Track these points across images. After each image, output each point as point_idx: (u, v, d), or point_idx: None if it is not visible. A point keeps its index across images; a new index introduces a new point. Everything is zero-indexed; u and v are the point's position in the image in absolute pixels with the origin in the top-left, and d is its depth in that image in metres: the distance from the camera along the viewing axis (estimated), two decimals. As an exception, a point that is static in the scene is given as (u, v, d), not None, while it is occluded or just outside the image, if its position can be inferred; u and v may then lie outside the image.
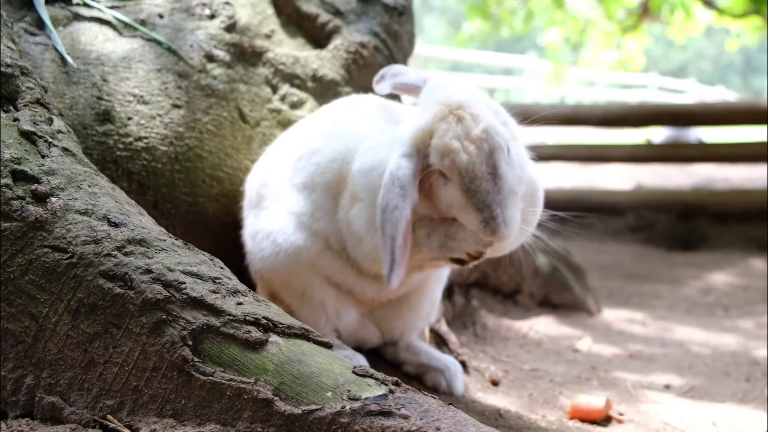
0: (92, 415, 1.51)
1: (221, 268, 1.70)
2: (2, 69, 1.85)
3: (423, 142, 1.84)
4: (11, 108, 1.83)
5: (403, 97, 2.98)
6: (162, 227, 1.78)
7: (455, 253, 1.93)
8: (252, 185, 2.32)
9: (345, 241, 2.05)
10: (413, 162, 1.83)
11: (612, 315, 3.71)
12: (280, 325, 1.56)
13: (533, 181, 2.05)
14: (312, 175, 2.10)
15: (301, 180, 2.13)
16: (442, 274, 2.37)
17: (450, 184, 1.83)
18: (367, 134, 2.04)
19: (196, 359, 1.49)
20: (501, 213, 1.80)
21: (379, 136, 2.01)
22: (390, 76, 2.07)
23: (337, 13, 2.88)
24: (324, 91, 2.73)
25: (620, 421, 2.23)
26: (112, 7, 2.63)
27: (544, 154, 7.40)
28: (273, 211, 2.17)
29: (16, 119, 1.80)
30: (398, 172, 1.81)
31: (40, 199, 1.65)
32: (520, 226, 1.91)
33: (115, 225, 1.65)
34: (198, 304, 1.54)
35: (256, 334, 1.52)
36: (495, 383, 2.49)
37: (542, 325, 3.28)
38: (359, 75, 2.79)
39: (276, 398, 1.43)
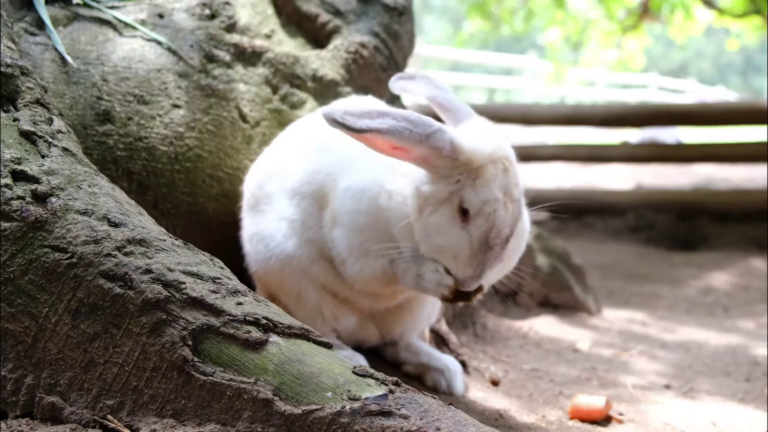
0: (92, 415, 1.51)
1: (221, 268, 1.70)
2: (2, 69, 1.85)
3: (468, 162, 1.77)
4: (11, 108, 1.83)
5: (404, 100, 2.97)
6: (162, 227, 1.78)
7: (429, 293, 1.91)
8: (249, 187, 2.32)
9: (331, 256, 2.05)
10: (446, 149, 1.75)
11: (612, 315, 3.71)
12: (280, 325, 1.56)
13: (522, 225, 2.02)
14: (300, 182, 2.09)
15: (291, 186, 2.12)
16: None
17: (468, 227, 1.78)
18: (357, 152, 1.98)
19: (196, 359, 1.49)
20: (487, 275, 1.82)
21: (374, 156, 1.93)
22: (428, 84, 2.00)
23: (337, 13, 2.88)
24: (324, 91, 2.73)
25: (620, 421, 2.23)
26: (112, 7, 2.63)
27: (544, 154, 7.42)
28: (267, 215, 2.16)
29: (16, 119, 1.80)
30: (438, 133, 1.74)
31: (40, 199, 1.65)
32: (500, 270, 1.98)
33: (115, 225, 1.65)
34: (198, 304, 1.54)
35: (256, 334, 1.52)
36: (495, 383, 2.49)
37: (542, 325, 3.28)
38: (359, 75, 2.79)
39: (276, 398, 1.43)
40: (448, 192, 1.79)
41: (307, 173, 2.08)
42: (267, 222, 2.15)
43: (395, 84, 2.05)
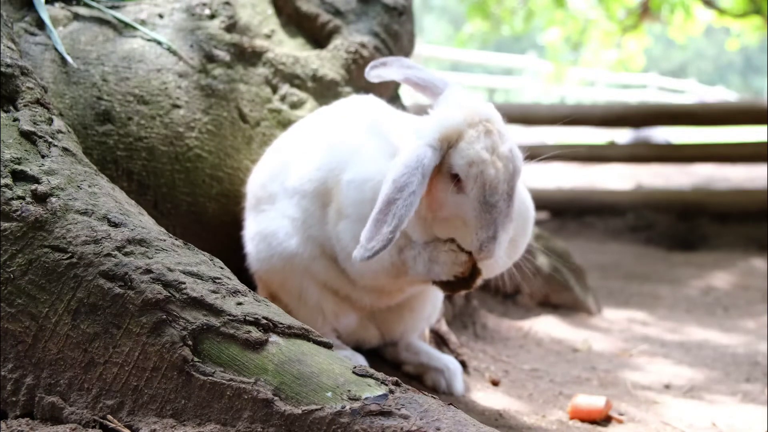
0: (92, 415, 1.51)
1: (221, 268, 1.70)
2: (2, 69, 1.85)
3: (448, 140, 1.81)
4: (11, 108, 1.83)
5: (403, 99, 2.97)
6: (162, 227, 1.78)
7: (442, 277, 1.91)
8: (251, 187, 2.33)
9: (335, 252, 2.04)
10: (436, 156, 1.79)
11: (612, 315, 3.71)
12: (280, 325, 1.56)
13: (526, 207, 2.03)
14: (301, 180, 2.10)
15: (293, 184, 2.12)
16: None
17: (464, 193, 1.80)
18: (358, 146, 2.00)
19: (196, 359, 1.49)
20: (500, 235, 1.81)
21: (376, 148, 1.97)
22: (400, 66, 2.01)
23: (337, 13, 2.88)
24: (324, 91, 2.73)
25: (620, 421, 2.23)
26: (112, 7, 2.63)
27: (544, 154, 7.40)
28: (269, 214, 2.17)
29: (16, 119, 1.80)
30: (424, 159, 1.75)
31: (40, 199, 1.65)
32: (509, 253, 1.95)
33: (115, 225, 1.65)
34: (198, 304, 1.54)
35: (256, 334, 1.52)
36: (495, 383, 2.49)
37: (542, 325, 3.28)
38: (359, 75, 2.78)
39: (276, 398, 1.43)
40: (437, 164, 1.81)
41: (308, 171, 2.08)
42: (269, 221, 2.15)
43: (371, 73, 2.04)
